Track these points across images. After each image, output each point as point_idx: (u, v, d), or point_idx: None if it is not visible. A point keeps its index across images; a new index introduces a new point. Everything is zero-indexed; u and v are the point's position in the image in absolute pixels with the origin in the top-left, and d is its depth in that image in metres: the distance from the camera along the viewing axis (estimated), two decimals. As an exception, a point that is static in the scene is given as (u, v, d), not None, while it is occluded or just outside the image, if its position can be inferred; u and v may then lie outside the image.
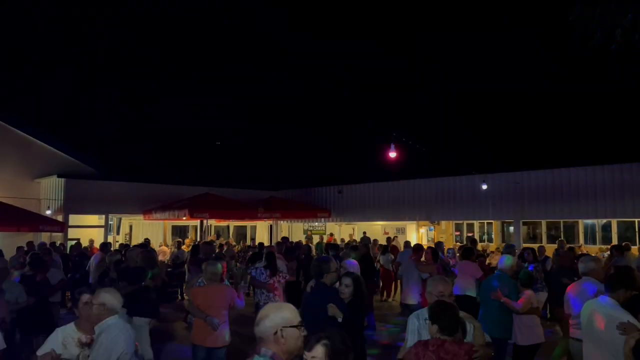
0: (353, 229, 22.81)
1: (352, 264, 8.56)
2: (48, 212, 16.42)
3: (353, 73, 28.90)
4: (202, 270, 6.15)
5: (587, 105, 20.54)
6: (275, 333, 2.49)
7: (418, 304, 7.86)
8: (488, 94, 23.85)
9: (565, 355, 6.30)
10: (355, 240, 16.89)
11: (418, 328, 3.80)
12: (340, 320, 4.15)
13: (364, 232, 20.23)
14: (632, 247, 13.96)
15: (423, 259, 8.61)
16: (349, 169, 23.37)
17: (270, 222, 21.34)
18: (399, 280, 10.89)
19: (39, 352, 3.84)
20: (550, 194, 15.14)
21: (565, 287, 5.60)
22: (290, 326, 2.52)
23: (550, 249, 12.74)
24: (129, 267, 7.10)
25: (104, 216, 17.28)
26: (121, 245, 15.52)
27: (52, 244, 13.26)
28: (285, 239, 13.76)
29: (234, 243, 18.27)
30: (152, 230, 20.24)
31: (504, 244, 19.37)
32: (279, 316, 2.54)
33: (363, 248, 10.66)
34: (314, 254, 12.25)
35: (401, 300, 8.06)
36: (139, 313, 5.81)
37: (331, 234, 21.35)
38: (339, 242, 17.81)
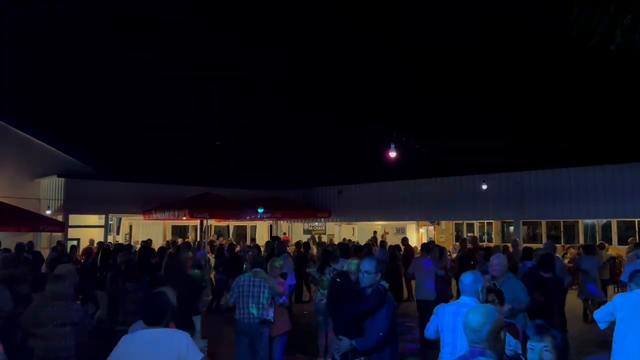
0: (353, 229, 22.77)
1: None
2: (48, 212, 16.41)
3: (353, 71, 28.92)
4: None
5: (587, 106, 20.54)
6: (497, 336, 2.64)
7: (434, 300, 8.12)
8: (488, 93, 23.86)
9: None
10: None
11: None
12: None
13: (371, 237, 20.07)
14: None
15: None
16: (349, 169, 23.33)
17: (270, 222, 21.33)
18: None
19: None
20: (550, 194, 15.12)
21: None
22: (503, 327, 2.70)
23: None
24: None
25: (104, 216, 17.27)
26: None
27: (59, 242, 13.27)
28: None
29: (234, 243, 18.21)
30: (152, 230, 20.23)
31: (504, 244, 19.39)
32: (498, 319, 2.67)
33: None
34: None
35: (417, 297, 8.47)
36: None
37: (284, 233, 21.88)
38: (336, 242, 17.74)
